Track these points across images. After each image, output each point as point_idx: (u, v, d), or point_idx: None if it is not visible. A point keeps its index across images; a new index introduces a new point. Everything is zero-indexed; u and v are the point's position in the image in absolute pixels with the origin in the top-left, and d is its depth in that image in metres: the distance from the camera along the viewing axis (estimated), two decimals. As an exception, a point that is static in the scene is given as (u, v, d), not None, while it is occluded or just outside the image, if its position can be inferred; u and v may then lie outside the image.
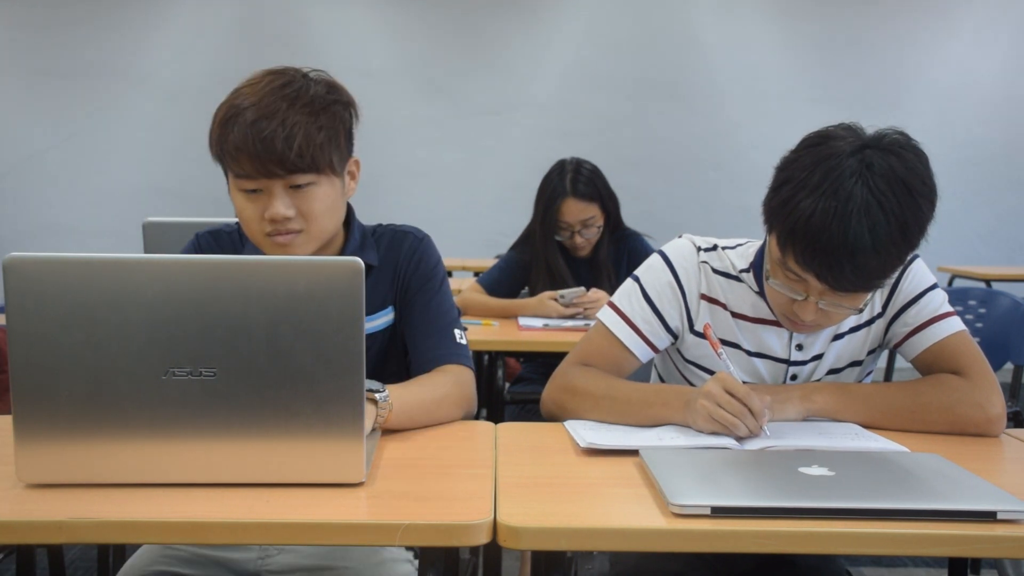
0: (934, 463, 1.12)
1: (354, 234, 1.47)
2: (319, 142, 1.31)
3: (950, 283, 4.81)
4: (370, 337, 1.43)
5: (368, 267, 1.38)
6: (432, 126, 5.68)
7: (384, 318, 1.47)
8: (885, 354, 1.53)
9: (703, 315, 1.47)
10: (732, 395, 1.23)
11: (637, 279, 1.50)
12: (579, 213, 2.70)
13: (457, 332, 1.45)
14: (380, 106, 5.58)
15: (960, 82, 5.73)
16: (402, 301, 1.47)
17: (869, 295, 1.32)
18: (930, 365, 1.42)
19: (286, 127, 1.28)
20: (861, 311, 1.36)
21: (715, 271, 1.48)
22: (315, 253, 1.39)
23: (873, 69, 5.70)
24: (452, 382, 1.37)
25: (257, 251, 1.41)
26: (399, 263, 1.47)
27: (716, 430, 1.24)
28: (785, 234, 1.25)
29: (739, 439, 1.24)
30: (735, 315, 1.47)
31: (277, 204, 1.31)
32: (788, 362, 1.46)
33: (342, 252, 1.44)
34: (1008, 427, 1.36)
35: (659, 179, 5.68)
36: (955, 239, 5.57)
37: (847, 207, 1.18)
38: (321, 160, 1.32)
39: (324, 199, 1.34)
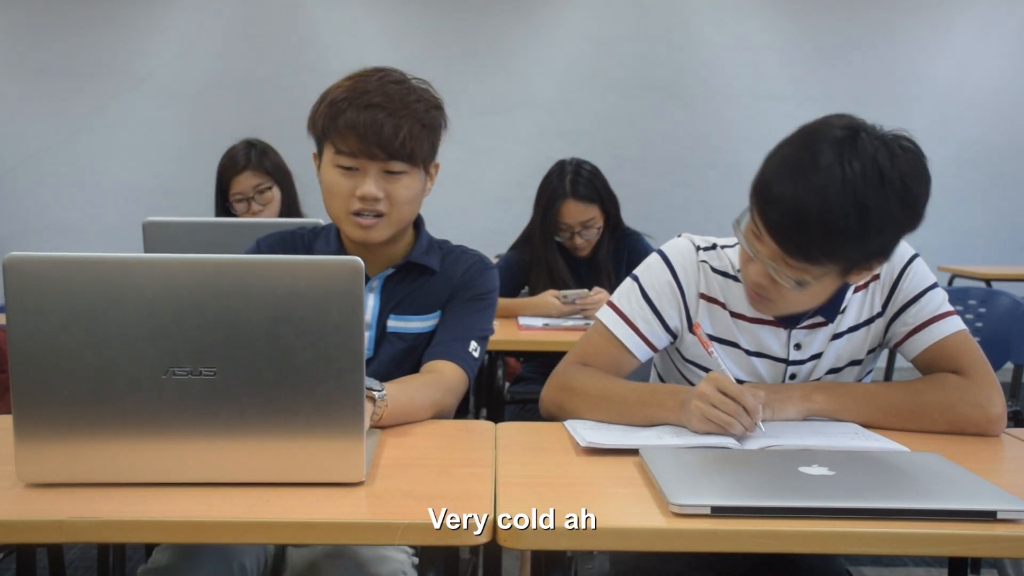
0: (934, 463, 1.12)
1: (422, 238, 1.58)
2: (421, 137, 1.44)
3: (950, 283, 4.80)
4: (421, 336, 1.55)
5: (428, 271, 1.55)
6: (432, 126, 5.67)
7: (435, 320, 1.55)
8: (885, 354, 1.53)
9: (702, 314, 1.47)
10: (725, 394, 1.23)
11: (636, 278, 1.50)
12: (579, 215, 2.69)
13: (474, 343, 1.51)
14: (380, 106, 5.57)
15: (960, 82, 5.72)
16: (447, 306, 1.55)
17: (814, 275, 1.27)
18: (930, 365, 1.42)
19: (397, 117, 1.41)
20: (801, 286, 1.29)
21: (714, 270, 1.48)
22: (387, 245, 1.51)
23: (873, 69, 5.70)
24: (445, 389, 1.42)
25: (325, 252, 1.52)
26: (458, 275, 1.57)
27: (711, 430, 1.24)
28: (753, 184, 1.28)
29: (738, 438, 1.24)
30: (734, 315, 1.46)
31: (370, 183, 1.43)
32: (787, 361, 1.46)
33: (411, 251, 1.56)
34: (1008, 427, 1.36)
35: (659, 179, 5.68)
36: (955, 239, 5.56)
37: (812, 162, 1.19)
38: (418, 153, 1.45)
39: (410, 189, 1.47)
